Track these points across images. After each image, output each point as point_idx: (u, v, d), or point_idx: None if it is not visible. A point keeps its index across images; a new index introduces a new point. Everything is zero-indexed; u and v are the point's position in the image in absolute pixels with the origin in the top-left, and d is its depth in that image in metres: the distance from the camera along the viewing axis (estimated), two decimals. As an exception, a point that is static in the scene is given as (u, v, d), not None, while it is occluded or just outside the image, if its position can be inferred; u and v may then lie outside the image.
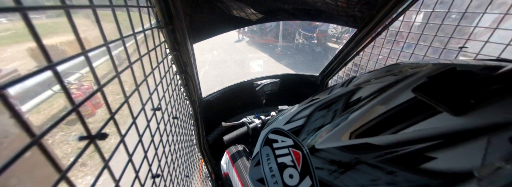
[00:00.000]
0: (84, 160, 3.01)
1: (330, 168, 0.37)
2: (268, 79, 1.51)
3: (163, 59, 0.60)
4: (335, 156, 0.37)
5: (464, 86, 0.29)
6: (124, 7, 0.35)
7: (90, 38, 6.21)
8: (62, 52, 5.39)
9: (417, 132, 0.30)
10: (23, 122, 0.16)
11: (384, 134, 0.33)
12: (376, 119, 0.35)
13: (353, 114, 0.39)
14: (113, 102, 4.39)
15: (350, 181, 0.33)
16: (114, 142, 2.71)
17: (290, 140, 0.49)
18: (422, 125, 0.30)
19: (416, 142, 0.30)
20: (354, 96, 0.44)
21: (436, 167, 0.27)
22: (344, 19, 1.12)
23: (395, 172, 0.29)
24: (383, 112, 0.35)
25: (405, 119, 0.32)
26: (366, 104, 0.39)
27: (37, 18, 10.92)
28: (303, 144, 0.44)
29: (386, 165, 0.31)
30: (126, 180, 0.39)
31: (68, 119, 3.70)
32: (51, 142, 3.27)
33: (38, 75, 0.18)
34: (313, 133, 0.44)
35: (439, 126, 0.29)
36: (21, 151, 0.16)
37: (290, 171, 0.43)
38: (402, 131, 0.32)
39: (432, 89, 0.31)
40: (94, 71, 0.25)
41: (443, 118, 0.29)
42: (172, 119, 0.74)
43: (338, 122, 0.41)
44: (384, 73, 0.44)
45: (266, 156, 0.51)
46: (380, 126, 0.34)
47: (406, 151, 0.30)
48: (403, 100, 0.34)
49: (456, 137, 0.27)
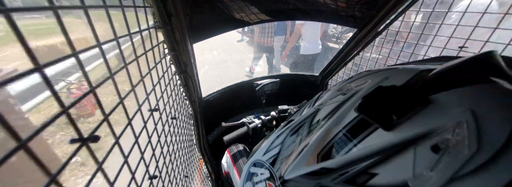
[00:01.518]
0: (84, 160, 3.02)
1: None
2: (268, 79, 1.51)
3: (161, 59, 0.60)
4: (301, 184, 0.40)
5: (389, 102, 0.32)
6: (119, 8, 0.34)
7: (90, 38, 6.17)
8: (62, 52, 5.39)
9: (361, 150, 0.32)
10: (8, 126, 0.15)
11: (338, 156, 0.35)
12: (332, 140, 0.38)
13: (313, 138, 0.41)
14: (114, 101, 4.41)
15: None
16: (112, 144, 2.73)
17: (267, 172, 0.51)
18: (365, 142, 0.32)
19: (361, 160, 0.32)
20: (315, 118, 0.46)
21: (379, 183, 0.29)
22: (344, 19, 1.11)
23: None
24: (336, 133, 0.37)
25: (353, 137, 0.34)
26: (323, 127, 0.41)
27: (37, 18, 10.96)
28: (276, 174, 0.46)
29: (341, 186, 0.34)
30: (122, 182, 0.39)
31: (65, 121, 3.75)
32: (51, 141, 3.27)
33: (37, 76, 0.18)
34: (285, 161, 0.46)
35: (376, 142, 0.31)
36: (7, 154, 0.15)
37: None
38: (351, 150, 0.34)
39: (368, 107, 0.34)
40: (85, 72, 0.25)
41: (380, 134, 0.31)
42: (170, 120, 0.74)
43: (303, 147, 0.42)
44: (337, 93, 0.46)
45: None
46: (336, 146, 0.37)
47: (355, 170, 0.32)
48: (349, 119, 0.36)
49: (389, 152, 0.29)
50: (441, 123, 0.27)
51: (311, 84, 1.74)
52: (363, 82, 0.42)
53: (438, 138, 0.27)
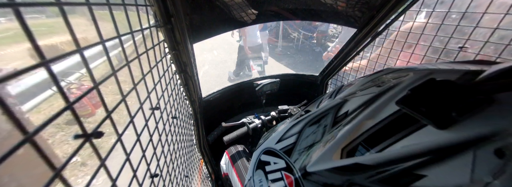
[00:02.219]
0: (84, 160, 3.02)
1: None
2: (268, 79, 1.51)
3: (161, 58, 0.60)
4: (327, 179, 0.37)
5: (445, 98, 0.28)
6: (121, 6, 0.35)
7: (90, 37, 6.19)
8: (62, 52, 5.41)
9: (404, 148, 0.29)
10: (16, 119, 0.15)
11: (372, 152, 0.33)
12: (364, 134, 0.35)
13: (342, 131, 0.38)
14: (114, 101, 4.43)
15: None
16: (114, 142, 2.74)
17: (282, 162, 0.47)
18: (409, 140, 0.29)
19: (405, 159, 0.29)
20: (341, 109, 0.43)
21: (426, 185, 0.26)
22: (344, 19, 1.12)
23: None
24: (370, 127, 0.34)
25: (392, 133, 0.31)
26: (354, 119, 0.38)
27: (37, 17, 10.98)
28: (295, 166, 0.43)
29: (378, 186, 0.30)
30: (124, 180, 0.39)
31: (68, 119, 3.70)
32: (51, 141, 3.27)
33: (37, 76, 0.18)
34: (305, 152, 0.43)
35: (425, 141, 0.28)
36: (14, 148, 0.16)
37: None
38: (390, 147, 0.31)
39: (415, 101, 0.30)
40: (89, 68, 0.25)
41: (429, 132, 0.28)
42: (171, 119, 0.74)
43: (328, 140, 0.40)
44: (369, 84, 0.43)
45: (259, 182, 0.50)
46: (369, 142, 0.34)
47: (396, 170, 0.29)
48: (388, 113, 0.33)
49: (442, 152, 0.26)
50: (507, 124, 0.24)
51: (311, 84, 1.74)
52: (403, 75, 0.38)
53: (503, 141, 0.23)
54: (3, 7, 0.15)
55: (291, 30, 8.68)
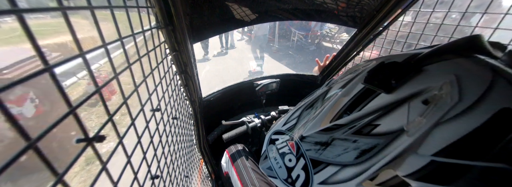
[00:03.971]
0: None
1: (315, 147, 0.49)
2: (268, 79, 1.51)
3: (162, 59, 0.60)
4: (317, 138, 0.49)
5: (390, 73, 0.41)
6: (123, 8, 0.34)
7: (97, 37, 6.39)
8: (71, 50, 5.68)
9: (365, 109, 0.42)
10: (18, 126, 0.15)
11: (346, 116, 0.45)
12: (342, 107, 0.47)
13: (327, 106, 0.51)
14: (115, 102, 4.63)
15: (330, 154, 0.46)
16: (114, 145, 2.76)
17: (287, 136, 0.61)
18: (370, 104, 0.41)
19: (366, 116, 0.41)
20: (328, 93, 0.57)
21: (381, 130, 0.38)
22: (344, 19, 1.12)
23: (357, 140, 0.42)
24: (346, 101, 0.47)
25: (360, 103, 0.43)
26: (334, 98, 0.51)
27: (42, 18, 11.15)
28: (296, 136, 0.56)
29: (351, 137, 0.43)
30: (125, 182, 0.39)
31: (89, 102, 3.91)
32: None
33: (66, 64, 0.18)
34: (302, 127, 0.56)
35: (379, 102, 0.40)
36: (16, 155, 0.15)
37: (289, 157, 0.55)
38: (358, 111, 0.43)
39: (372, 79, 0.43)
40: (91, 72, 0.25)
41: (381, 97, 0.40)
42: (171, 120, 0.74)
43: (317, 114, 0.52)
44: (347, 73, 0.57)
45: (271, 151, 0.64)
46: (345, 111, 0.46)
47: (361, 124, 0.41)
48: (357, 90, 0.45)
49: (389, 108, 0.38)
50: (430, 84, 0.36)
51: (311, 84, 1.74)
52: (369, 63, 0.51)
53: (428, 94, 0.35)
54: (7, 14, 0.15)
55: (293, 28, 8.88)
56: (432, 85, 0.35)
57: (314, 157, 0.48)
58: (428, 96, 0.35)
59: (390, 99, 0.39)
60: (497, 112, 0.29)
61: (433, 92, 0.34)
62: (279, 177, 0.55)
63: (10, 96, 2.35)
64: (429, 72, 0.37)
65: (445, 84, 0.34)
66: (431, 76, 0.36)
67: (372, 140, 0.39)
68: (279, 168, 0.56)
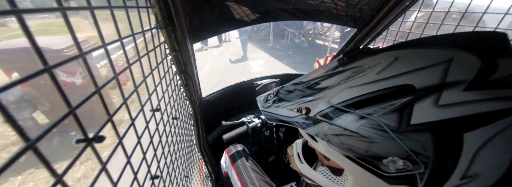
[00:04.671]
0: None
1: (284, 92, 0.66)
2: (268, 79, 1.51)
3: (162, 59, 0.60)
4: (288, 88, 0.65)
5: (353, 54, 0.53)
6: (123, 8, 0.34)
7: (104, 34, 7.00)
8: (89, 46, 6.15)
9: (322, 74, 0.55)
10: (18, 126, 0.15)
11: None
12: (319, 73, 0.59)
13: (308, 73, 0.67)
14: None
15: (288, 96, 0.63)
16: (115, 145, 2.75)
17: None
18: (329, 72, 0.54)
19: (318, 77, 0.56)
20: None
21: (318, 86, 0.54)
22: (344, 19, 1.11)
23: (305, 91, 0.57)
24: (321, 72, 0.58)
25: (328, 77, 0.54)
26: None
27: (47, 17, 11.45)
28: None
29: (303, 89, 0.58)
30: (125, 182, 0.39)
31: (110, 86, 4.39)
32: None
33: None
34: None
35: (332, 71, 0.53)
36: (16, 156, 0.15)
37: (271, 95, 0.73)
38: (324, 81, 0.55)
39: (342, 56, 0.54)
40: (91, 73, 0.25)
41: (339, 68, 0.52)
42: (171, 120, 0.74)
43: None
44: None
45: (269, 91, 0.80)
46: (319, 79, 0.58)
47: (312, 82, 0.57)
48: (333, 65, 0.56)
49: (332, 74, 0.52)
50: (369, 62, 0.46)
51: None
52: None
53: (360, 68, 0.46)
54: (7, 15, 0.15)
55: (286, 27, 9.78)
56: (368, 63, 0.46)
57: (281, 97, 0.66)
58: (357, 69, 0.46)
59: (338, 69, 0.51)
60: (397, 85, 0.38)
61: (363, 67, 0.46)
62: (261, 102, 0.77)
63: (67, 68, 3.31)
64: (378, 56, 0.46)
65: (377, 63, 0.44)
66: (376, 57, 0.46)
67: (311, 91, 0.54)
68: (264, 98, 0.77)
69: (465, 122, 0.31)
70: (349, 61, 0.51)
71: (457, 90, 0.33)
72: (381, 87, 0.39)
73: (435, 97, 0.34)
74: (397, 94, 0.37)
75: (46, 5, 0.18)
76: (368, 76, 0.43)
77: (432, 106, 0.33)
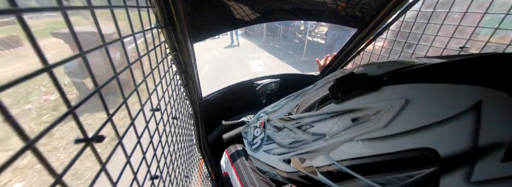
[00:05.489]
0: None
1: (272, 129, 0.62)
2: (268, 79, 1.51)
3: (163, 59, 0.60)
4: (275, 123, 0.61)
5: (349, 85, 0.42)
6: (123, 8, 0.34)
7: (110, 32, 7.17)
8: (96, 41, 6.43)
9: (315, 111, 0.48)
10: (17, 126, 0.15)
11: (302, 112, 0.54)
12: (306, 104, 0.55)
13: (294, 102, 0.62)
14: (140, 76, 5.02)
15: (278, 136, 0.58)
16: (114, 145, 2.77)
17: (266, 116, 0.73)
18: (322, 109, 0.46)
19: (311, 116, 0.48)
20: (309, 90, 0.64)
21: (313, 131, 0.46)
22: (345, 19, 1.11)
23: (296, 132, 0.50)
24: (310, 102, 0.54)
25: (319, 104, 0.49)
26: (304, 96, 0.60)
27: (54, 16, 11.93)
28: (269, 117, 0.69)
29: (294, 129, 0.52)
30: (124, 182, 0.39)
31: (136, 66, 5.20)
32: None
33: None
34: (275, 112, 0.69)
35: (326, 109, 0.45)
36: (15, 155, 0.15)
37: (257, 130, 0.71)
38: (309, 112, 0.50)
39: (335, 87, 0.44)
40: (91, 72, 0.25)
41: (331, 105, 0.44)
42: (171, 119, 0.74)
43: (287, 106, 0.64)
44: (331, 76, 0.61)
45: (253, 122, 0.79)
46: (306, 109, 0.54)
47: (304, 122, 0.49)
48: (322, 94, 0.50)
49: (328, 115, 0.43)
50: (371, 104, 0.36)
51: (311, 84, 1.73)
52: (353, 69, 0.53)
53: (361, 113, 0.37)
54: (7, 14, 0.15)
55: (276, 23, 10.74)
56: (372, 106, 0.36)
57: (269, 134, 0.62)
58: (360, 115, 0.37)
59: (334, 108, 0.42)
60: (415, 149, 0.29)
61: (366, 113, 0.36)
62: (247, 138, 0.76)
63: (111, 47, 3.82)
64: (381, 93, 0.36)
65: (384, 109, 0.34)
66: (380, 97, 0.36)
67: (304, 136, 0.48)
68: (250, 134, 0.76)
69: None
70: (345, 98, 0.41)
71: (495, 161, 0.24)
72: (394, 150, 0.31)
73: (467, 170, 0.25)
74: (415, 161, 0.29)
75: (53, 3, 0.18)
76: (374, 128, 0.34)
77: (464, 183, 0.25)
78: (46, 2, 10.25)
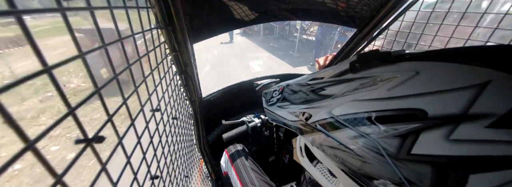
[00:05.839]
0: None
1: (289, 92, 0.70)
2: (268, 79, 1.51)
3: (162, 59, 0.60)
4: (293, 87, 0.69)
5: (370, 58, 0.45)
6: (123, 8, 0.34)
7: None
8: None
9: (329, 79, 0.53)
10: (17, 127, 0.15)
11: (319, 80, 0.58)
12: (328, 75, 0.57)
13: (314, 73, 0.66)
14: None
15: (292, 97, 0.66)
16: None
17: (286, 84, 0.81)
18: (339, 77, 0.51)
19: (325, 82, 0.54)
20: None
21: (323, 93, 0.52)
22: (344, 19, 1.11)
23: (309, 94, 0.57)
24: (331, 74, 0.56)
25: (338, 76, 0.52)
26: (328, 69, 0.62)
27: (58, 16, 12.51)
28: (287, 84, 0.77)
29: (308, 92, 0.58)
30: (124, 182, 0.39)
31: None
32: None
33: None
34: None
35: (341, 77, 0.49)
36: (15, 156, 0.15)
37: (276, 93, 0.80)
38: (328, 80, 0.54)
39: (356, 61, 0.47)
40: (91, 73, 0.25)
41: (348, 75, 0.48)
42: (171, 120, 0.74)
43: (308, 76, 0.68)
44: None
45: (274, 88, 0.86)
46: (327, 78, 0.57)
47: (317, 86, 0.55)
48: (344, 68, 0.52)
49: (340, 81, 0.48)
50: (383, 74, 0.40)
51: None
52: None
53: (370, 79, 0.41)
54: (6, 15, 0.15)
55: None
56: (382, 75, 0.40)
57: (285, 96, 0.70)
58: (371, 80, 0.41)
59: (348, 76, 0.47)
60: (407, 109, 0.33)
61: (377, 79, 0.40)
62: (265, 97, 0.86)
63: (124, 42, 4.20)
64: (395, 66, 0.40)
65: (392, 77, 0.38)
66: (392, 69, 0.40)
67: (314, 96, 0.54)
68: (269, 95, 0.85)
69: (476, 162, 0.26)
70: (362, 68, 0.45)
71: (479, 126, 0.27)
72: (388, 107, 0.35)
73: (449, 129, 0.28)
74: (404, 118, 0.33)
75: (53, 5, 0.19)
76: (377, 91, 0.38)
77: (442, 139, 0.28)
78: (48, 3, 10.67)
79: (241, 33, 13.62)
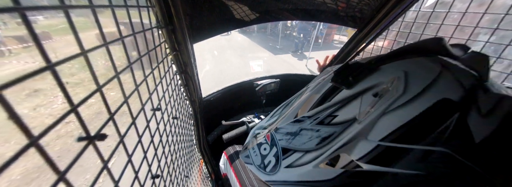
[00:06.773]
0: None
1: (286, 137, 0.54)
2: (268, 79, 1.51)
3: (163, 59, 0.60)
4: (288, 129, 0.54)
5: (351, 72, 0.45)
6: (124, 7, 0.34)
7: (116, 32, 8.12)
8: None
9: (328, 103, 0.47)
10: (21, 123, 0.15)
11: (313, 109, 0.50)
12: (313, 103, 0.52)
13: (299, 102, 0.57)
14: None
15: (297, 142, 0.50)
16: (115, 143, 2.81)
17: (266, 130, 0.65)
18: (334, 99, 0.46)
19: (328, 108, 0.46)
20: (304, 92, 0.61)
21: (338, 120, 0.43)
22: (345, 19, 1.12)
23: (319, 129, 0.46)
24: (316, 98, 0.51)
25: (327, 98, 0.48)
26: (306, 94, 0.57)
27: (78, 14, 13.31)
28: (272, 128, 0.61)
29: (315, 127, 0.47)
30: (125, 181, 0.39)
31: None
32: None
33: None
34: (279, 121, 0.62)
35: (340, 97, 0.45)
36: (18, 153, 0.16)
37: (264, 146, 0.60)
38: (322, 105, 0.48)
39: (337, 77, 0.47)
40: (93, 72, 0.25)
41: (343, 92, 0.45)
42: (171, 119, 0.74)
43: (292, 110, 0.58)
44: (320, 75, 0.63)
45: (251, 143, 0.69)
46: (314, 107, 0.51)
47: (324, 115, 0.46)
48: (326, 88, 0.50)
49: (346, 101, 0.43)
50: (382, 79, 0.40)
51: None
52: (338, 66, 0.56)
53: (378, 88, 0.40)
54: (10, 12, 0.15)
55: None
56: (383, 81, 0.40)
57: (284, 146, 0.53)
58: (378, 90, 0.40)
59: (348, 93, 0.44)
60: (437, 102, 0.33)
61: (382, 86, 0.40)
62: (254, 163, 0.63)
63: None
64: (383, 70, 0.42)
65: (394, 79, 0.39)
66: (384, 73, 0.41)
67: (330, 129, 0.44)
68: (255, 156, 0.63)
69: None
70: (356, 81, 0.43)
71: (487, 95, 0.31)
72: (422, 109, 0.34)
73: (476, 106, 0.31)
74: (441, 111, 0.33)
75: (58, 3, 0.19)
76: (397, 96, 0.37)
77: (479, 117, 0.31)
78: (55, 1, 11.83)
79: (238, 30, 14.81)
